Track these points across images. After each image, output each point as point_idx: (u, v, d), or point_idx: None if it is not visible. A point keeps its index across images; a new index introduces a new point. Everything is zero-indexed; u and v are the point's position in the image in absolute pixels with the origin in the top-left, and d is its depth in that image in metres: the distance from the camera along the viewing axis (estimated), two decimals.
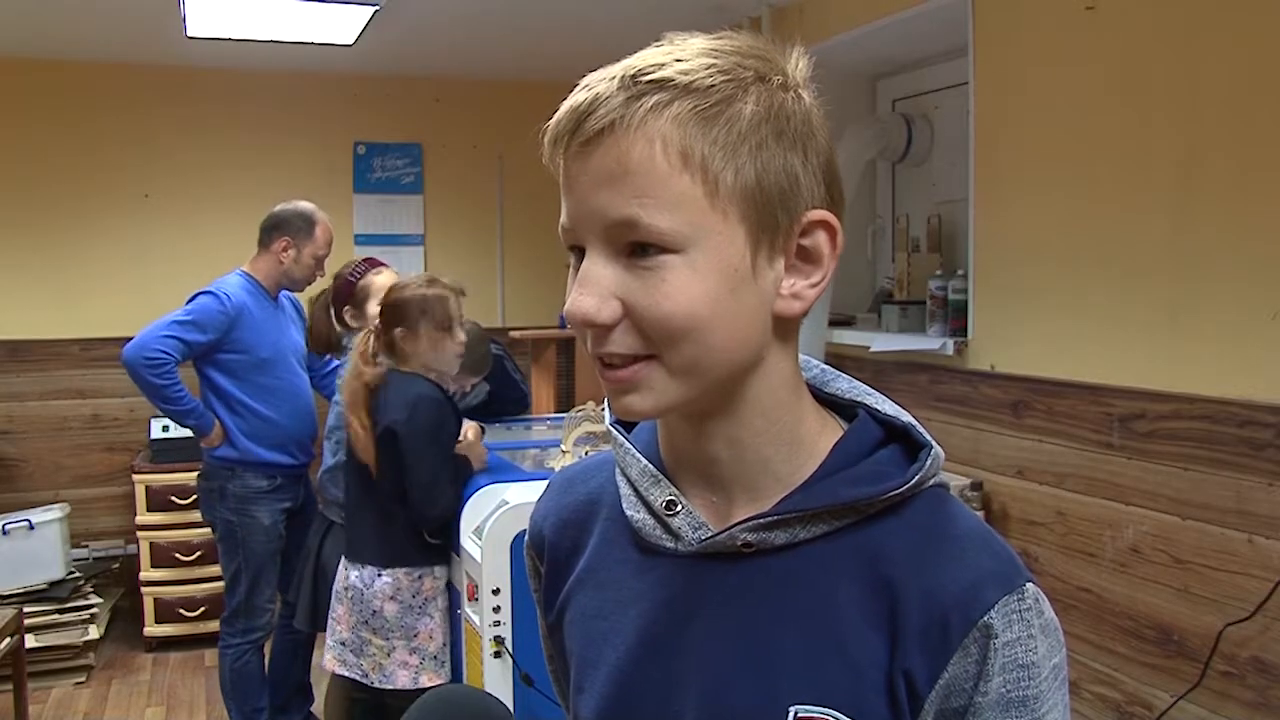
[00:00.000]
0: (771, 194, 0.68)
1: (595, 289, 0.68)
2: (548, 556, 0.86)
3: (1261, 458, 2.15)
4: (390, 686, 2.59)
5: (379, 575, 2.61)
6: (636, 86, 0.67)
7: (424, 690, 2.55)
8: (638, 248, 0.67)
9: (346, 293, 3.18)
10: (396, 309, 2.64)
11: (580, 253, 0.70)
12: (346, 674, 2.67)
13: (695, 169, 0.66)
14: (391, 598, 2.60)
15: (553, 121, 0.70)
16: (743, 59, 0.69)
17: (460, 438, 2.73)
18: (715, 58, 0.68)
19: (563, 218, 0.71)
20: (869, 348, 3.28)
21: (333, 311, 3.22)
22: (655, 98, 0.66)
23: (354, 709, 2.83)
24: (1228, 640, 2.21)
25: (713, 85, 0.67)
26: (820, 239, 0.71)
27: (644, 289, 0.67)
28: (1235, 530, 2.20)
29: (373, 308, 2.96)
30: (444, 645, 2.63)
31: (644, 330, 0.68)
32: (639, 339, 0.69)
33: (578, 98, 0.68)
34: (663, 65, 0.67)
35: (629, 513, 0.78)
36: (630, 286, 0.68)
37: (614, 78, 0.68)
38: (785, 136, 0.68)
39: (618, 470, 0.81)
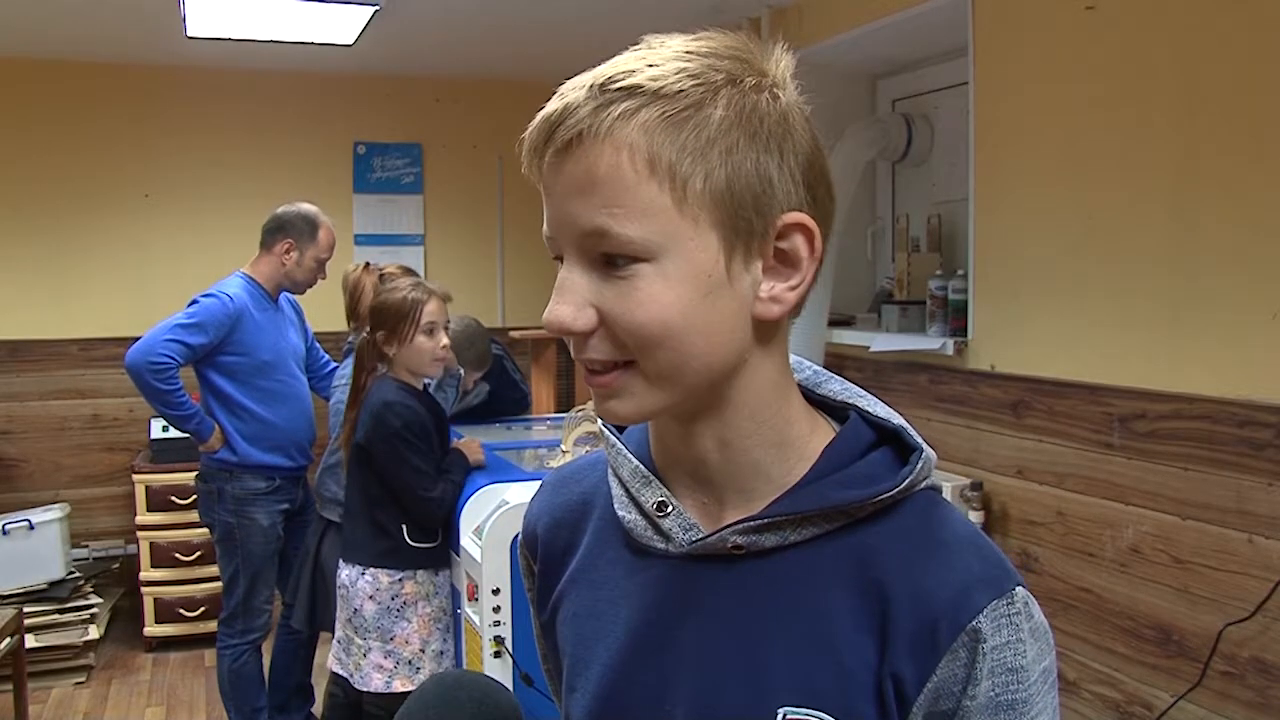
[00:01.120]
0: (743, 197, 0.68)
1: (571, 298, 0.69)
2: (541, 556, 0.87)
3: (1261, 458, 2.14)
4: (366, 688, 2.60)
5: (362, 574, 2.63)
6: (605, 95, 0.67)
7: (396, 695, 2.56)
8: (611, 257, 0.68)
9: None
10: (379, 312, 2.66)
11: (563, 261, 0.71)
12: (339, 671, 2.69)
13: (663, 176, 0.66)
14: (370, 597, 2.61)
15: (528, 131, 0.70)
16: (717, 61, 0.68)
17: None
18: (688, 61, 0.68)
19: (544, 226, 0.72)
20: (869, 348, 3.28)
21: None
22: (623, 105, 0.66)
23: (333, 705, 2.83)
24: (1228, 640, 2.21)
25: (682, 90, 0.66)
26: (798, 242, 0.70)
27: (618, 298, 0.68)
28: (1235, 530, 2.20)
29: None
30: (420, 652, 2.63)
31: (619, 338, 0.69)
32: (615, 346, 0.69)
33: (550, 107, 0.69)
34: (633, 72, 0.67)
35: (620, 513, 0.78)
36: (605, 295, 0.68)
37: (585, 86, 0.68)
38: (758, 139, 0.68)
39: (609, 470, 0.81)
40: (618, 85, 0.67)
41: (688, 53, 0.68)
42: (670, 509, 0.76)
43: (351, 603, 2.64)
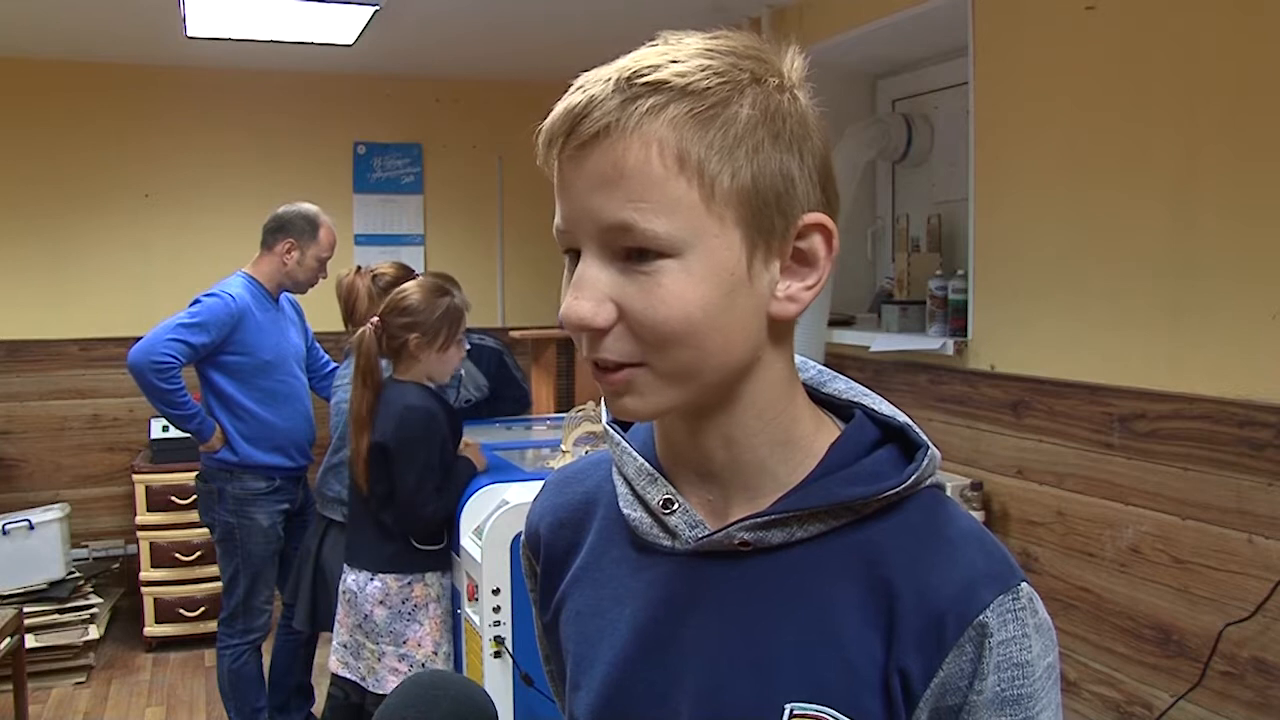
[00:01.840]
0: (768, 197, 0.68)
1: (591, 292, 0.68)
2: (544, 555, 0.86)
3: (1261, 458, 2.15)
4: (382, 691, 2.58)
5: (371, 579, 2.61)
6: (632, 89, 0.66)
7: None
8: (634, 252, 0.67)
9: None
10: (417, 313, 2.59)
11: (576, 255, 0.70)
12: (348, 676, 2.67)
13: (692, 172, 0.66)
14: (381, 602, 2.60)
15: (547, 123, 0.69)
16: (739, 60, 0.69)
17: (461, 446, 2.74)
18: (711, 59, 0.68)
19: (557, 219, 0.71)
20: (869, 348, 3.28)
21: (382, 300, 3.22)
22: (651, 100, 0.66)
23: (334, 708, 2.82)
24: (1228, 640, 2.21)
25: (709, 87, 0.67)
26: (816, 242, 0.71)
27: (640, 293, 0.67)
28: (1235, 530, 2.20)
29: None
30: (433, 653, 2.62)
31: (639, 334, 0.68)
32: (633, 344, 0.69)
33: (573, 99, 0.68)
34: (658, 67, 0.67)
35: (626, 511, 0.78)
36: (626, 290, 0.68)
37: (609, 79, 0.67)
38: (781, 139, 0.68)
39: (614, 469, 0.81)
40: (644, 80, 0.66)
41: (708, 50, 0.68)
42: (676, 506, 0.76)
43: (361, 608, 2.62)
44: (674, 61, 0.67)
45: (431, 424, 2.59)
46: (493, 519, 2.46)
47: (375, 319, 2.63)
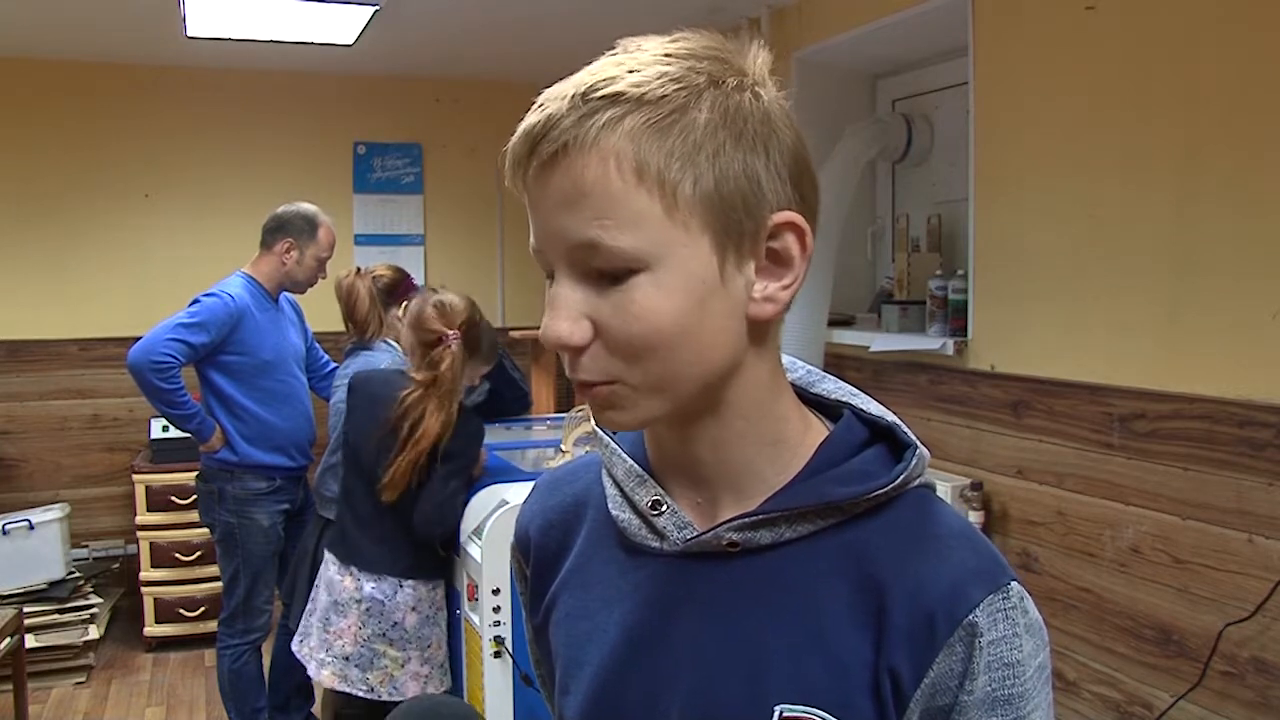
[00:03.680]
0: (733, 200, 0.67)
1: (566, 311, 0.68)
2: (534, 557, 0.86)
3: (1261, 458, 2.14)
4: (400, 698, 2.53)
5: (400, 586, 2.59)
6: (588, 104, 0.66)
7: None
8: (605, 270, 0.67)
9: (409, 292, 3.21)
10: (486, 338, 2.71)
11: (554, 275, 0.70)
12: (348, 690, 2.58)
13: (651, 183, 0.66)
14: (413, 609, 2.59)
15: (510, 145, 0.69)
16: (696, 63, 0.68)
17: None
18: (668, 65, 0.67)
19: (532, 240, 0.71)
20: (869, 348, 3.27)
21: (382, 301, 3.25)
22: (608, 114, 0.66)
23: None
24: (1228, 640, 2.21)
25: (665, 95, 0.66)
26: (789, 241, 0.70)
27: (613, 310, 0.67)
28: (1235, 530, 2.20)
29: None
30: (447, 654, 2.64)
31: (615, 350, 0.68)
32: (610, 360, 0.69)
33: (531, 119, 0.68)
34: (614, 79, 0.66)
35: (615, 513, 0.78)
36: (600, 308, 0.68)
37: (566, 96, 0.67)
38: (744, 139, 0.67)
39: (603, 471, 0.81)
40: (600, 94, 0.66)
41: (667, 55, 0.68)
42: (665, 507, 0.75)
43: (390, 616, 2.58)
44: (631, 71, 0.67)
45: (480, 434, 2.64)
46: (492, 519, 2.46)
47: (456, 333, 2.57)
